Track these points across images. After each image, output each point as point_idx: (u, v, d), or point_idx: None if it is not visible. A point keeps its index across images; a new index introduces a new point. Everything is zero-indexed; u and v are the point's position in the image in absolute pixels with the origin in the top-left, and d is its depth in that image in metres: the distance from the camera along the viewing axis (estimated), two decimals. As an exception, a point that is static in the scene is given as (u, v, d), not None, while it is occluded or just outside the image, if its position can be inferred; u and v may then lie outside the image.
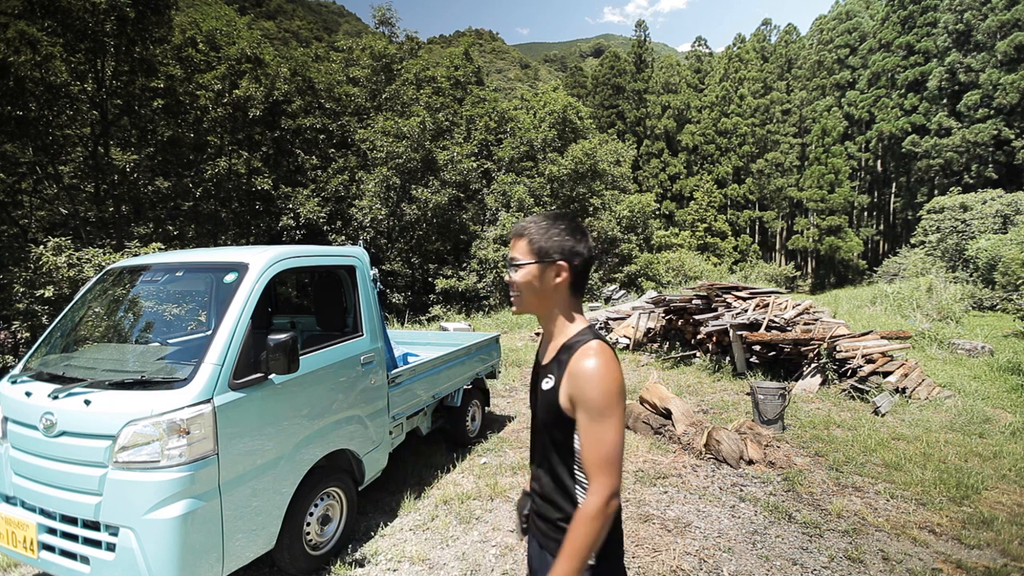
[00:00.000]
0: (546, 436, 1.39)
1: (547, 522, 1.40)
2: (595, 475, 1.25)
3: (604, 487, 1.24)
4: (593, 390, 1.25)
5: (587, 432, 1.26)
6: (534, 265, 1.38)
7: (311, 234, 17.32)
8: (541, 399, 1.39)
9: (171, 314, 4.52)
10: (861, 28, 47.55)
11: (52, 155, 12.41)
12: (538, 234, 1.38)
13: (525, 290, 1.40)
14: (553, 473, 1.39)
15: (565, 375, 1.31)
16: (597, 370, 1.26)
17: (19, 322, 8.62)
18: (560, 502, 1.37)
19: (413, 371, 4.26)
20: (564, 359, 1.33)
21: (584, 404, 1.26)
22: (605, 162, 21.11)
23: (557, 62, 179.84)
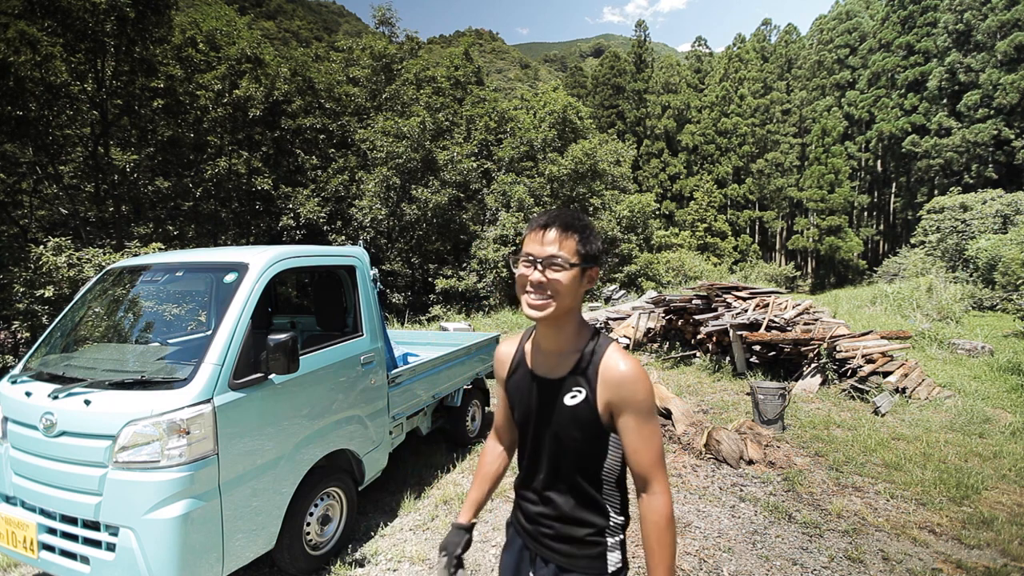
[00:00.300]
0: (572, 453, 1.31)
1: (571, 542, 1.34)
2: (656, 474, 1.24)
3: (666, 482, 1.25)
4: (641, 391, 1.24)
5: (639, 434, 1.24)
6: (578, 269, 1.26)
7: (311, 234, 17.33)
8: (564, 415, 1.30)
9: (171, 314, 4.52)
10: (861, 28, 47.56)
11: (52, 155, 12.41)
12: (588, 235, 1.28)
13: (565, 293, 1.25)
14: (578, 491, 1.33)
15: (599, 384, 1.26)
16: (638, 371, 1.25)
17: (19, 322, 8.62)
18: (590, 518, 1.33)
19: (413, 371, 4.26)
20: (590, 369, 1.28)
21: (633, 407, 1.24)
22: (605, 162, 21.11)
23: (557, 62, 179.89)
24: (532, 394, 1.37)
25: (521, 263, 1.29)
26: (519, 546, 1.47)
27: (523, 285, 1.28)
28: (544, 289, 1.25)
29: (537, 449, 1.38)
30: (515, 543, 1.49)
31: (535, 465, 1.40)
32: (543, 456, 1.37)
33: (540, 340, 1.38)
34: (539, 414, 1.36)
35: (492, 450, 1.62)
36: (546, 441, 1.35)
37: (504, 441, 1.61)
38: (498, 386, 1.55)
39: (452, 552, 1.45)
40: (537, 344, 1.40)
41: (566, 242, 1.25)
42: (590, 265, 1.28)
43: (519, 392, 1.41)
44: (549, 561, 1.37)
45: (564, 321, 1.31)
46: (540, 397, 1.35)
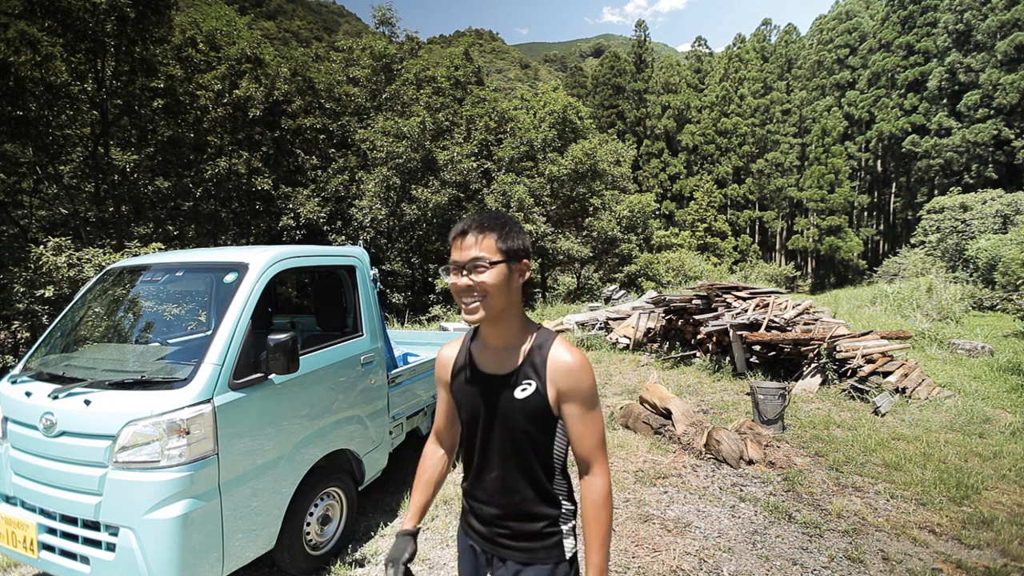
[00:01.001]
0: (523, 444, 1.34)
1: (529, 537, 1.37)
2: (596, 458, 1.31)
3: (606, 466, 1.32)
4: (586, 380, 1.29)
5: (583, 421, 1.30)
6: (503, 265, 1.28)
7: (311, 234, 17.33)
8: (514, 409, 1.33)
9: (171, 314, 4.53)
10: (861, 28, 47.57)
11: (52, 155, 12.41)
12: (504, 231, 1.30)
13: (495, 293, 1.28)
14: (533, 483, 1.35)
15: (548, 375, 1.30)
16: (584, 361, 1.30)
17: (19, 322, 8.63)
18: (544, 510, 1.37)
19: (413, 371, 4.26)
20: (539, 361, 1.32)
21: (578, 395, 1.29)
22: (605, 162, 21.09)
23: (557, 62, 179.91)
24: (481, 391, 1.39)
25: (452, 273, 1.31)
26: (472, 553, 1.47)
27: (457, 293, 1.31)
28: (473, 292, 1.28)
29: (487, 446, 1.39)
30: (467, 552, 1.49)
31: (486, 463, 1.41)
32: (494, 453, 1.38)
33: (486, 338, 1.41)
34: (489, 410, 1.37)
35: (433, 454, 1.61)
36: (496, 436, 1.37)
37: (444, 444, 1.61)
38: (439, 389, 1.56)
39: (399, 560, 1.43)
40: (483, 342, 1.43)
41: (484, 242, 1.28)
42: (515, 260, 1.30)
43: (465, 392, 1.43)
44: (507, 559, 1.39)
45: (505, 317, 1.34)
46: (490, 393, 1.37)
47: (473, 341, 1.47)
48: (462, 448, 1.51)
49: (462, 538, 1.53)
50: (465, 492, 1.51)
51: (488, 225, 1.30)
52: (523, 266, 1.33)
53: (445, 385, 1.51)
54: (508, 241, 1.30)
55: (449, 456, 1.62)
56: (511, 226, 1.32)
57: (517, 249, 1.31)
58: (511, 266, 1.30)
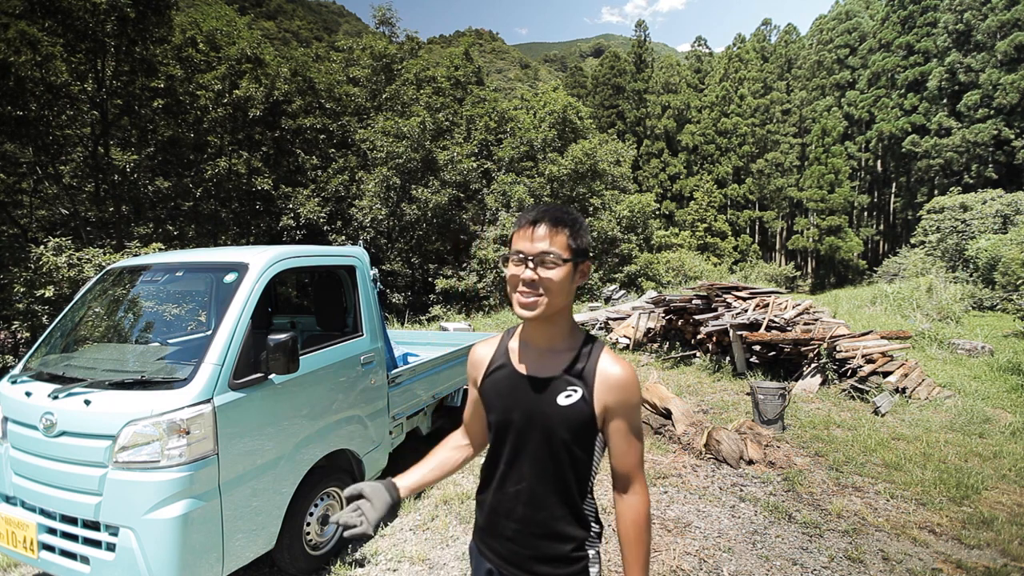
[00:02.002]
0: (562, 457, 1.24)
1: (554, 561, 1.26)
2: (638, 476, 1.27)
3: (646, 485, 1.27)
4: (637, 395, 1.24)
5: (628, 437, 1.25)
6: (570, 264, 1.22)
7: (311, 234, 17.33)
8: (555, 415, 1.23)
9: (171, 314, 4.53)
10: (861, 28, 47.57)
11: (52, 155, 12.42)
12: (578, 228, 1.24)
13: (557, 291, 1.20)
14: (566, 499, 1.26)
15: (596, 386, 1.22)
16: (633, 376, 1.24)
17: (19, 322, 8.64)
18: (572, 531, 1.26)
19: (413, 371, 4.26)
20: (586, 369, 1.24)
21: (627, 410, 1.24)
22: (605, 162, 21.11)
23: (557, 62, 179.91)
24: (517, 393, 1.28)
25: (512, 262, 1.23)
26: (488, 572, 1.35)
27: (515, 284, 1.23)
28: (536, 287, 1.20)
29: (518, 453, 1.28)
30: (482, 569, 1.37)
31: (513, 472, 1.29)
32: (525, 461, 1.27)
33: (530, 337, 1.31)
34: (525, 414, 1.26)
35: (457, 440, 1.51)
36: (531, 443, 1.26)
37: (471, 440, 1.51)
38: (471, 388, 1.46)
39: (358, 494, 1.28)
40: (525, 342, 1.33)
41: (557, 237, 1.20)
42: (582, 259, 1.25)
43: (499, 392, 1.31)
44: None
45: (557, 318, 1.26)
46: (528, 396, 1.26)
47: (511, 340, 1.37)
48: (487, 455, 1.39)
49: (476, 557, 1.40)
50: (481, 504, 1.38)
51: (563, 219, 1.22)
52: (586, 267, 1.27)
53: (475, 383, 1.42)
54: (578, 239, 1.23)
55: (472, 452, 1.52)
56: (581, 224, 1.26)
57: (584, 249, 1.25)
58: (577, 266, 1.24)
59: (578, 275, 1.26)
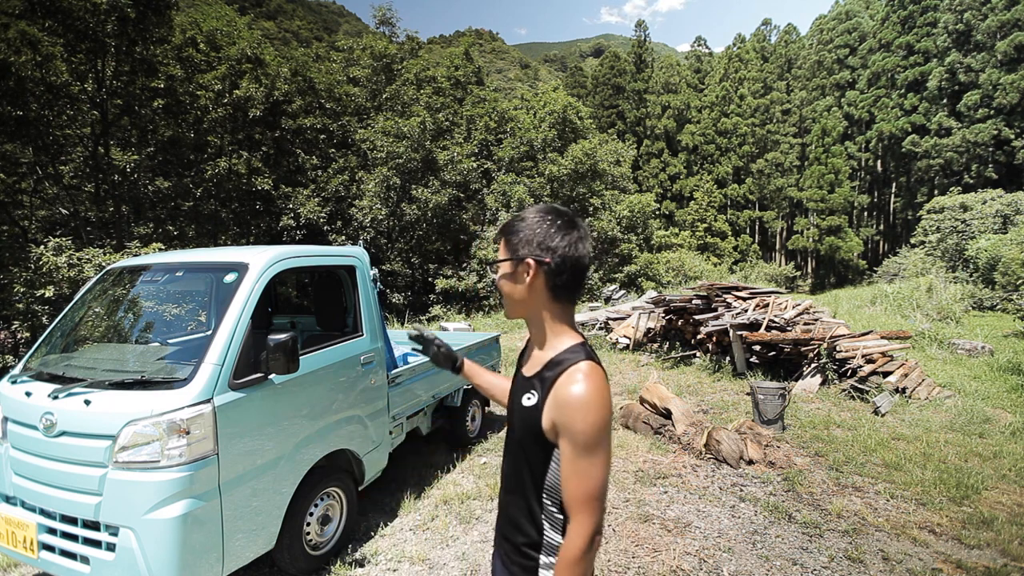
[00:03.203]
0: (521, 454, 1.27)
1: (510, 544, 1.31)
2: (578, 513, 1.13)
3: (588, 526, 1.12)
4: (581, 421, 1.11)
5: (571, 465, 1.13)
6: (507, 263, 1.26)
7: (311, 234, 17.33)
8: (519, 414, 1.26)
9: (171, 314, 4.53)
10: (861, 28, 47.57)
11: (52, 155, 12.42)
12: (516, 229, 1.25)
13: (507, 294, 1.28)
14: (523, 494, 1.27)
15: (550, 397, 1.17)
16: (587, 399, 1.12)
17: (19, 322, 8.64)
18: (526, 527, 1.27)
19: (413, 371, 4.26)
20: (549, 377, 1.20)
21: (569, 435, 1.12)
22: (605, 162, 21.11)
23: (557, 62, 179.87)
24: (512, 387, 1.40)
25: None
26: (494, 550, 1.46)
27: None
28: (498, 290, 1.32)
29: (506, 447, 1.40)
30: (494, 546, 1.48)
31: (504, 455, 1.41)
32: (506, 453, 1.38)
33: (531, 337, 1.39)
34: (511, 407, 1.36)
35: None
36: (509, 436, 1.36)
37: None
38: None
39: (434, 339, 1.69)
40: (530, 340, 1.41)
41: (501, 247, 1.30)
42: (515, 258, 1.24)
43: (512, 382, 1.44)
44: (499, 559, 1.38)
45: (534, 320, 1.29)
46: (515, 390, 1.34)
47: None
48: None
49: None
50: None
51: (502, 229, 1.30)
52: (526, 266, 1.22)
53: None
54: (515, 238, 1.25)
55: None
56: (518, 228, 1.25)
57: (518, 245, 1.24)
58: (514, 266, 1.25)
59: (521, 275, 1.24)
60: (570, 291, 1.25)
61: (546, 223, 1.23)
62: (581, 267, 1.24)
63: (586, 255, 1.25)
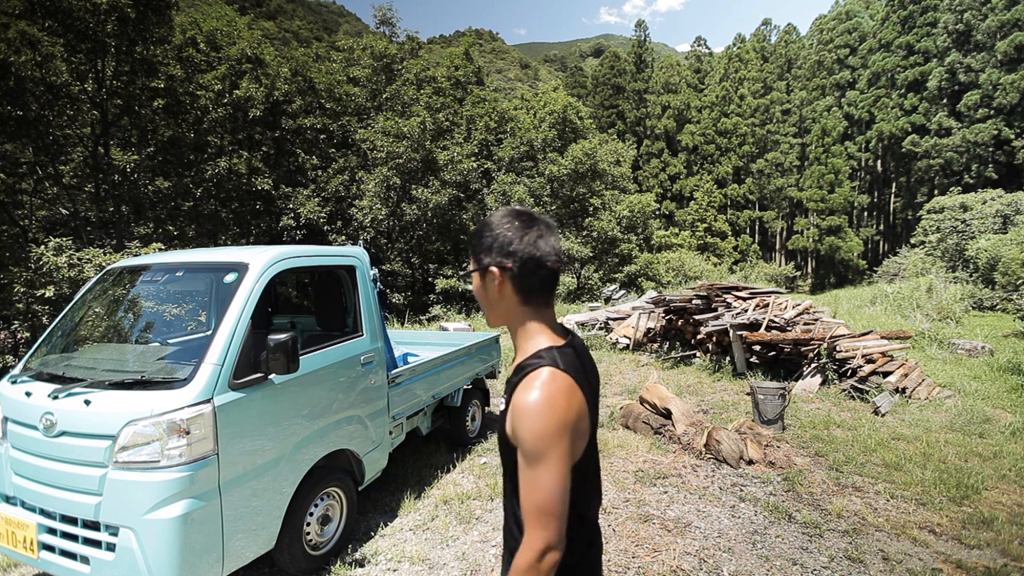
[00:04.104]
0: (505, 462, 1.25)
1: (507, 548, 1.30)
2: (528, 525, 1.07)
3: (537, 540, 1.04)
4: (526, 429, 1.06)
5: (521, 474, 1.09)
6: (475, 273, 1.23)
7: (311, 234, 17.32)
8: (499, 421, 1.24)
9: (171, 314, 4.53)
10: (861, 28, 47.57)
11: (52, 155, 12.40)
12: (477, 237, 1.23)
13: (481, 301, 1.26)
14: (510, 500, 1.26)
15: (511, 403, 1.14)
16: (534, 407, 1.06)
17: (19, 322, 8.64)
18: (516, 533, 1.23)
19: (413, 371, 4.26)
20: (513, 382, 1.17)
21: (519, 442, 1.09)
22: (605, 162, 21.11)
23: (557, 62, 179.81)
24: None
25: None
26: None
27: None
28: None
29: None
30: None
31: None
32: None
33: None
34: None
35: None
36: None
37: None
38: None
39: None
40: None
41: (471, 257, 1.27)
42: (481, 268, 1.21)
43: None
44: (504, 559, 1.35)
45: (510, 327, 1.27)
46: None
47: None
48: None
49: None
50: None
51: (470, 236, 1.29)
52: (491, 274, 1.19)
53: None
54: (478, 247, 1.22)
55: None
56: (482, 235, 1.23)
57: (481, 254, 1.21)
58: (482, 274, 1.22)
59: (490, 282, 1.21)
60: (540, 293, 1.20)
61: (504, 226, 1.19)
62: (544, 266, 1.18)
63: (549, 253, 1.19)
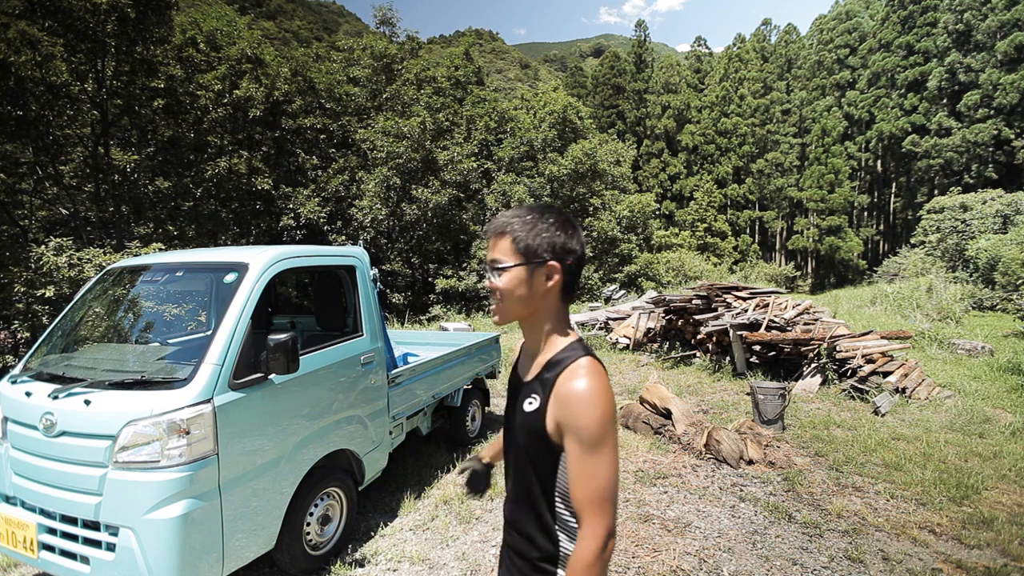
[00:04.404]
0: (528, 463, 1.22)
1: (524, 559, 1.25)
2: (589, 515, 1.08)
3: (600, 528, 1.07)
4: (585, 417, 1.08)
5: (579, 465, 1.09)
6: (521, 268, 1.18)
7: (311, 234, 17.32)
8: (521, 421, 1.22)
9: (171, 314, 4.53)
10: (861, 28, 47.56)
11: (52, 155, 12.40)
12: (523, 230, 1.19)
13: (508, 296, 1.20)
14: (533, 505, 1.22)
15: (551, 397, 1.14)
16: (590, 393, 1.09)
17: (19, 322, 8.64)
18: (539, 541, 1.22)
19: (413, 371, 4.26)
20: (549, 378, 1.17)
21: (575, 432, 1.09)
22: (605, 162, 21.12)
23: (557, 62, 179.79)
24: (511, 394, 1.35)
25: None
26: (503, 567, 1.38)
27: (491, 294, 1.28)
28: (496, 295, 1.23)
29: (508, 453, 1.34)
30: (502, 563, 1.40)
31: (508, 470, 1.35)
32: (511, 462, 1.32)
33: (526, 341, 1.35)
34: (511, 416, 1.30)
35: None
36: (512, 447, 1.29)
37: None
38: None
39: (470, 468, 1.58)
40: (524, 345, 1.38)
41: (500, 243, 1.22)
42: (535, 261, 1.18)
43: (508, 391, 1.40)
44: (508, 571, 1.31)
45: (533, 324, 1.25)
46: (515, 398, 1.30)
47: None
48: None
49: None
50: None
51: (503, 226, 1.22)
52: (549, 268, 1.18)
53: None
54: (528, 241, 1.18)
55: None
56: (540, 224, 1.20)
57: (536, 248, 1.18)
58: (531, 269, 1.18)
59: (540, 277, 1.19)
60: (573, 290, 1.25)
61: (552, 223, 1.21)
62: (583, 265, 1.26)
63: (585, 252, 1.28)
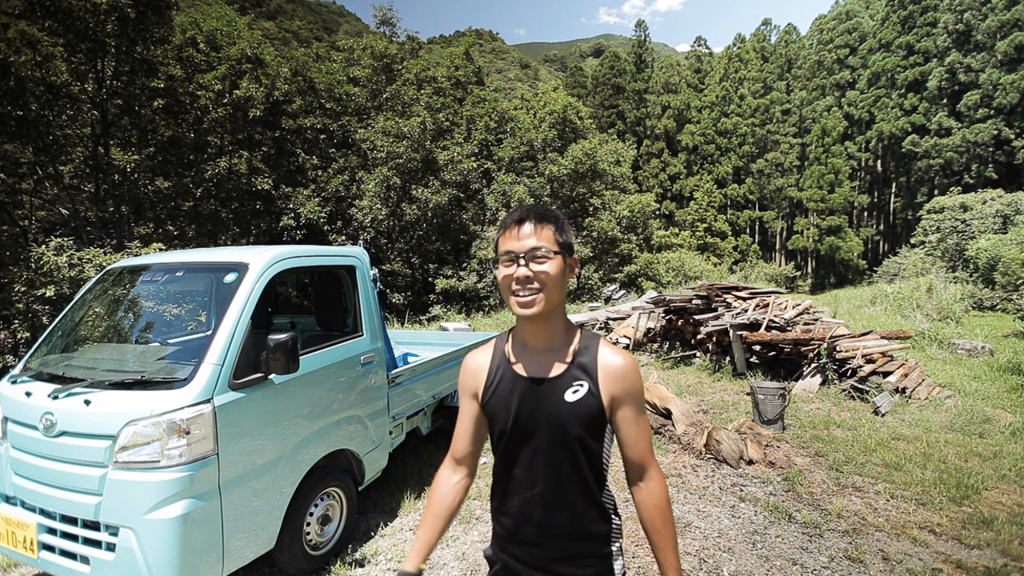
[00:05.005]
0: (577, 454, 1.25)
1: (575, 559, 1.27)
2: (651, 462, 1.29)
3: (660, 469, 1.30)
4: (638, 382, 1.28)
5: (634, 424, 1.27)
6: (560, 257, 1.24)
7: (311, 234, 17.32)
8: (565, 413, 1.23)
9: (171, 314, 4.53)
10: (861, 28, 47.56)
11: (52, 155, 12.40)
12: (563, 224, 1.29)
13: (552, 285, 1.22)
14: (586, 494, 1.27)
15: (601, 376, 1.25)
16: (634, 364, 1.29)
17: (19, 322, 8.64)
18: (595, 527, 1.29)
19: (413, 371, 4.26)
20: (587, 362, 1.26)
21: (633, 397, 1.27)
22: (605, 162, 21.12)
23: (557, 62, 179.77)
24: (524, 397, 1.27)
25: (502, 264, 1.25)
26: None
27: (508, 285, 1.24)
28: (531, 283, 1.21)
29: (532, 458, 1.27)
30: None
31: (530, 477, 1.28)
32: (539, 465, 1.27)
33: (528, 338, 1.31)
34: (535, 417, 1.26)
35: (447, 481, 1.43)
36: (544, 445, 1.26)
37: (463, 468, 1.44)
38: (466, 401, 1.40)
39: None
40: (523, 343, 1.32)
41: (543, 232, 1.24)
42: (569, 254, 1.28)
43: (504, 400, 1.29)
44: None
45: (554, 315, 1.28)
46: (535, 398, 1.26)
47: (507, 344, 1.36)
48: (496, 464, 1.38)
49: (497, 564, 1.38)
50: (497, 513, 1.38)
51: (547, 215, 1.27)
52: (573, 262, 1.30)
53: (475, 395, 1.37)
54: (564, 234, 1.27)
55: (469, 480, 1.46)
56: (564, 220, 1.31)
57: (569, 244, 1.29)
58: (566, 260, 1.27)
59: (568, 270, 1.28)
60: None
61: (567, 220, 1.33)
62: None
63: None
